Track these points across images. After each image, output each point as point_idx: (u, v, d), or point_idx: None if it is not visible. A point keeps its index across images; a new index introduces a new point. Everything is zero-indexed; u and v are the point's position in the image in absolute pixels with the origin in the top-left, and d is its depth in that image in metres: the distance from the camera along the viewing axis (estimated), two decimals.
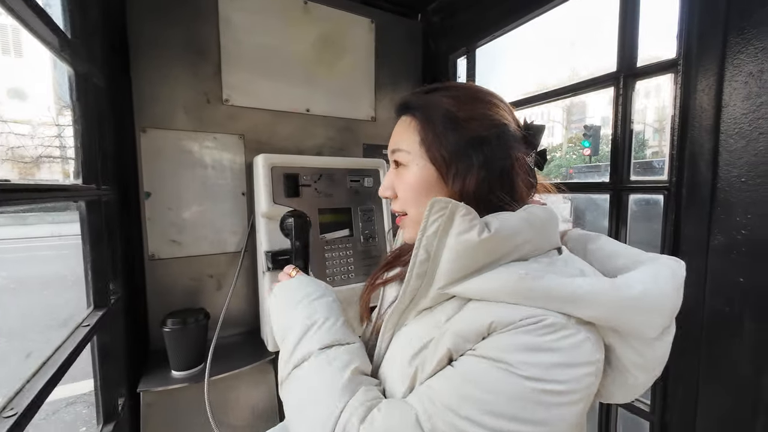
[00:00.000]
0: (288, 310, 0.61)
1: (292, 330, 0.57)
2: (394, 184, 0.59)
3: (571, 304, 0.42)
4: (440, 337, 0.46)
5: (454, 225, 0.46)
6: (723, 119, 0.81)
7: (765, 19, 0.74)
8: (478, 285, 0.45)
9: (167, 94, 1.27)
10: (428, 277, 0.48)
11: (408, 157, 0.56)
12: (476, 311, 0.45)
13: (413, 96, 0.58)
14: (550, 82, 54.76)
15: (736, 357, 0.79)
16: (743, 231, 0.78)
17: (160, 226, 1.28)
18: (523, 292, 0.43)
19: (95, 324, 0.85)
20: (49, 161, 15.36)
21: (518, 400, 0.39)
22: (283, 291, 0.66)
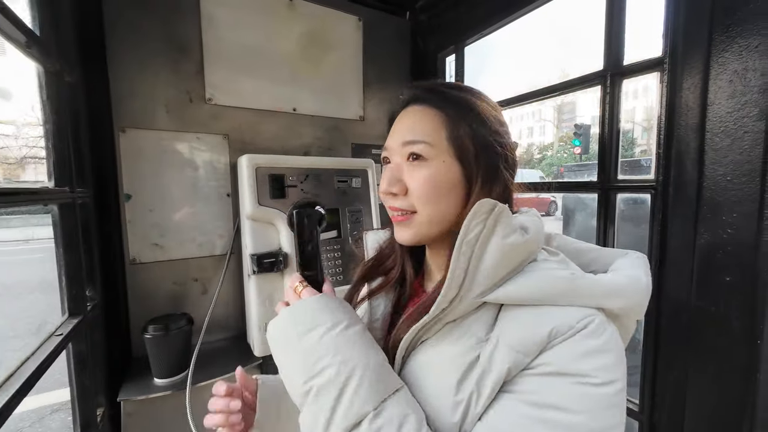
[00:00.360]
0: (306, 348, 0.45)
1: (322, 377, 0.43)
2: (404, 179, 0.51)
3: (606, 298, 0.43)
4: (491, 355, 0.42)
5: (498, 228, 0.44)
6: (708, 118, 0.81)
7: (749, 17, 0.73)
8: (522, 289, 0.43)
9: (147, 92, 1.23)
10: (467, 284, 0.43)
11: (432, 151, 0.49)
12: (528, 319, 0.43)
13: (438, 87, 0.54)
14: (540, 79, 55.21)
15: (723, 357, 0.79)
16: (729, 230, 0.78)
17: (142, 229, 1.24)
18: (572, 292, 0.42)
19: (70, 332, 0.81)
20: (35, 162, 15.01)
21: (603, 410, 0.39)
22: (292, 319, 0.48)
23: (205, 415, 0.57)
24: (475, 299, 0.44)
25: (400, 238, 0.54)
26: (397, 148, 0.52)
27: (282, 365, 0.47)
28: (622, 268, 0.49)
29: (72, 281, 0.89)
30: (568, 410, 0.38)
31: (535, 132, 49.27)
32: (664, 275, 0.91)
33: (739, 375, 0.75)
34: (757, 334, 0.70)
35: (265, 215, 1.22)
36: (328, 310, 0.48)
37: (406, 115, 0.54)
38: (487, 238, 0.43)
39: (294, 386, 0.45)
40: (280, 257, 1.21)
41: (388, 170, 0.53)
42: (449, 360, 0.45)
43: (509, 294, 0.43)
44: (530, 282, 0.43)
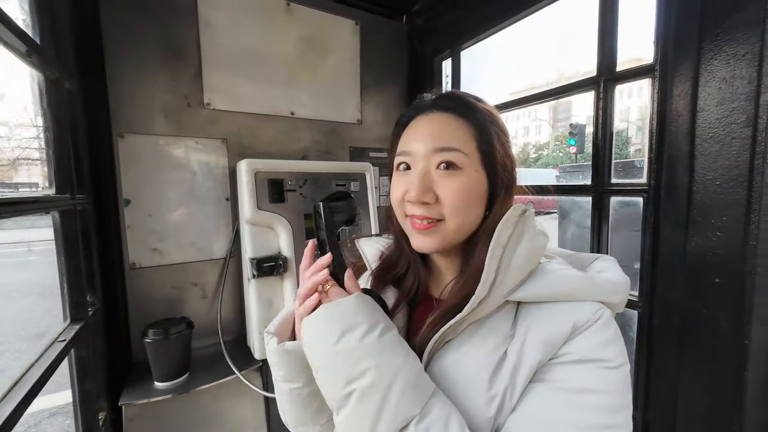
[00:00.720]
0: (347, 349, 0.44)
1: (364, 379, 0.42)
2: (435, 188, 0.50)
3: (613, 294, 0.48)
4: (520, 349, 0.45)
5: (526, 232, 0.48)
6: (698, 124, 0.83)
7: (737, 25, 0.75)
8: (544, 288, 0.47)
9: (145, 97, 1.24)
10: (497, 284, 0.46)
11: (465, 160, 0.49)
12: (551, 314, 0.46)
13: (462, 97, 0.54)
14: (535, 80, 55.46)
15: (713, 356, 0.81)
16: (718, 233, 0.80)
17: (141, 234, 1.25)
18: (587, 290, 0.47)
19: (72, 338, 0.82)
20: (28, 163, 14.85)
21: (622, 388, 0.43)
22: (330, 319, 0.46)
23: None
24: (503, 298, 0.47)
25: (423, 246, 0.52)
26: (425, 155, 0.50)
27: (318, 367, 0.46)
28: (609, 270, 0.53)
29: (73, 287, 0.90)
30: (597, 391, 0.42)
31: (531, 131, 49.45)
32: (657, 276, 0.94)
33: (729, 374, 0.77)
34: (745, 334, 0.72)
35: (265, 219, 1.23)
36: (366, 311, 0.46)
37: (430, 121, 0.52)
38: (517, 241, 0.47)
39: (333, 388, 0.44)
40: (280, 261, 1.22)
41: (416, 178, 0.50)
42: (479, 358, 0.46)
43: (531, 292, 0.47)
44: (549, 281, 0.47)
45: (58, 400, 2.61)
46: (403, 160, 0.53)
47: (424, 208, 0.50)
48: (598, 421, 0.40)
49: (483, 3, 1.41)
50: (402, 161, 0.53)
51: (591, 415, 0.41)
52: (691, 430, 0.87)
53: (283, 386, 0.54)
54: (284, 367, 0.52)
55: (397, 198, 0.53)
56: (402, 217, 0.54)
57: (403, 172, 0.53)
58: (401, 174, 0.54)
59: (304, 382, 0.52)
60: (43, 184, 14.11)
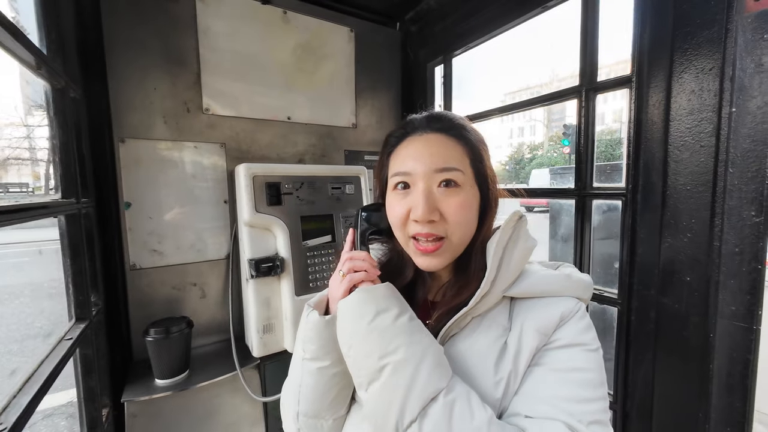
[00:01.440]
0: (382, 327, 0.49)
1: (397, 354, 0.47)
2: (439, 205, 0.53)
3: (586, 290, 0.57)
4: (519, 339, 0.52)
5: (522, 234, 0.55)
6: (671, 132, 0.89)
7: (704, 42, 0.81)
8: (534, 286, 0.54)
9: (146, 103, 1.27)
10: (497, 281, 0.53)
11: (463, 178, 0.53)
12: (542, 308, 0.53)
13: (452, 118, 0.58)
14: (530, 83, 55.88)
15: (684, 349, 0.87)
16: (688, 234, 0.86)
17: (141, 236, 1.28)
18: (568, 287, 0.55)
19: (78, 337, 0.86)
20: (18, 163, 14.65)
21: (601, 367, 0.51)
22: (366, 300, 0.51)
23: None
24: (501, 293, 0.53)
25: (432, 266, 0.55)
26: (426, 174, 0.53)
27: (353, 343, 0.50)
28: (576, 272, 0.59)
29: (78, 288, 0.93)
30: (583, 369, 0.49)
31: (525, 131, 49.82)
32: (634, 275, 1.00)
33: (697, 365, 0.83)
34: (710, 328, 0.78)
35: (263, 222, 1.27)
36: (396, 298, 0.52)
37: (427, 142, 0.55)
38: (515, 242, 0.54)
39: (366, 362, 0.48)
40: (277, 262, 1.26)
41: (421, 196, 0.52)
42: (485, 347, 0.52)
43: (524, 289, 0.54)
44: (537, 279, 0.55)
45: (53, 402, 2.62)
46: (401, 180, 0.55)
47: (431, 226, 0.52)
48: (586, 394, 0.47)
49: (471, 14, 1.46)
50: (400, 181, 0.55)
51: (580, 389, 0.47)
52: (665, 418, 0.93)
53: (311, 366, 0.56)
54: (318, 342, 0.55)
55: (401, 217, 0.55)
56: (405, 239, 0.56)
57: (401, 191, 0.55)
58: (399, 194, 0.55)
59: (332, 361, 0.56)
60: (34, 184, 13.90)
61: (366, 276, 0.55)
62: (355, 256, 0.57)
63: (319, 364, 0.56)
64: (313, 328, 0.56)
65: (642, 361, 0.98)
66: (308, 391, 0.57)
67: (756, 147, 0.71)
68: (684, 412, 0.87)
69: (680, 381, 0.89)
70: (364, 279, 0.55)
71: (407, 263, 0.62)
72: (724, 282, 0.76)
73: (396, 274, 0.62)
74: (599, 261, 1.27)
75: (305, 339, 0.57)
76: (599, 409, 0.47)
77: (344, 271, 0.56)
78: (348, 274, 0.55)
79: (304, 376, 0.57)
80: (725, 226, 0.75)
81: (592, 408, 0.47)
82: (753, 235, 0.72)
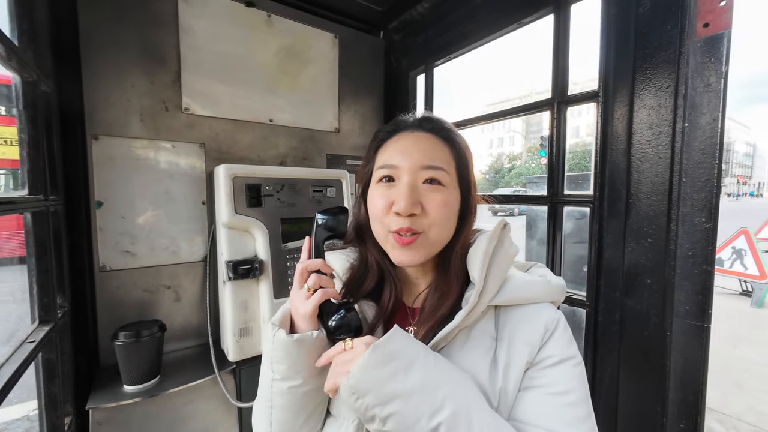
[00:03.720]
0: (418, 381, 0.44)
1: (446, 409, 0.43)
2: (422, 200, 0.53)
3: (561, 294, 0.58)
4: (508, 351, 0.52)
5: (506, 242, 0.55)
6: (633, 144, 0.96)
7: (661, 63, 0.88)
8: (516, 293, 0.54)
9: (122, 101, 1.24)
10: (485, 290, 0.52)
11: (447, 178, 0.55)
12: (525, 317, 0.54)
13: (442, 122, 0.60)
14: (510, 95, 57.83)
15: (645, 347, 0.93)
16: (649, 240, 0.93)
17: (113, 237, 1.24)
18: (547, 292, 0.56)
19: (41, 340, 0.82)
20: None
21: (585, 380, 0.52)
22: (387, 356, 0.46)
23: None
24: (487, 303, 0.53)
25: (408, 259, 0.54)
26: (413, 169, 0.54)
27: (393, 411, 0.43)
28: (549, 273, 0.61)
29: (43, 289, 0.90)
30: (576, 389, 0.50)
31: (505, 142, 51.20)
32: (601, 278, 1.05)
33: (656, 362, 0.88)
34: (667, 327, 0.84)
35: (242, 223, 1.25)
36: (410, 339, 0.48)
37: (417, 139, 0.56)
38: (498, 251, 0.54)
39: (415, 428, 0.43)
40: (256, 264, 1.25)
41: (405, 189, 0.52)
42: (476, 363, 0.51)
43: (507, 297, 0.54)
44: (518, 286, 0.55)
45: (9, 415, 2.44)
46: (387, 173, 0.55)
47: (411, 220, 0.52)
48: (582, 413, 0.49)
49: (450, 27, 1.52)
50: (386, 174, 0.55)
51: (577, 409, 0.48)
52: (628, 415, 0.98)
53: (281, 386, 0.54)
54: (287, 362, 0.52)
55: (382, 208, 0.54)
56: (384, 233, 0.55)
57: (386, 184, 0.55)
58: (383, 186, 0.55)
59: (304, 380, 0.53)
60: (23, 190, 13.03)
61: (335, 292, 0.55)
62: (311, 267, 0.56)
63: (289, 384, 0.53)
64: (281, 348, 0.52)
65: (608, 360, 1.03)
66: (280, 411, 0.55)
67: (706, 159, 0.78)
68: (644, 408, 0.92)
69: (641, 378, 0.94)
70: (332, 295, 0.55)
71: (371, 269, 0.62)
72: (679, 283, 0.81)
73: (362, 280, 0.62)
74: (573, 263, 1.34)
75: (273, 359, 0.53)
76: (591, 423, 0.49)
77: (310, 286, 0.54)
78: (316, 290, 0.54)
79: (275, 397, 0.55)
80: (680, 232, 0.82)
81: (588, 425, 0.48)
82: (704, 239, 0.78)
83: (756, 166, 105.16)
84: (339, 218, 0.61)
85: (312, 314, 0.54)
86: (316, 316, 0.55)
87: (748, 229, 4.73)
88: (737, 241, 4.76)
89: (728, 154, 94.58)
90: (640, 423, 0.95)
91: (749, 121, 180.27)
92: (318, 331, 0.54)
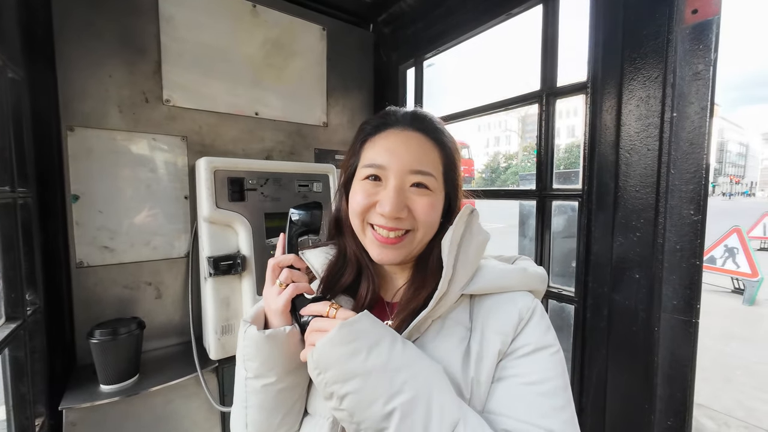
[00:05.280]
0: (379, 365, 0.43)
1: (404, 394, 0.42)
2: (409, 203, 0.53)
3: (541, 283, 0.57)
4: (480, 342, 0.50)
5: (474, 228, 0.54)
6: (621, 136, 0.93)
7: (650, 52, 0.86)
8: (490, 282, 0.53)
9: (99, 91, 1.20)
10: (455, 279, 0.51)
11: (435, 183, 0.54)
12: (499, 306, 0.53)
13: (435, 123, 0.58)
14: (501, 89, 58.01)
15: (633, 342, 0.91)
16: (637, 234, 0.90)
17: (90, 232, 1.20)
18: (523, 281, 0.55)
19: (6, 337, 0.78)
20: None
21: (564, 369, 0.50)
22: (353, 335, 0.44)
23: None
24: (459, 292, 0.52)
25: (389, 259, 0.54)
26: (402, 172, 0.52)
27: (349, 390, 0.43)
28: (532, 265, 0.60)
29: (10, 284, 0.86)
30: (553, 378, 0.48)
31: (501, 141, 51.34)
32: (590, 274, 1.03)
33: (644, 357, 0.87)
34: (654, 322, 0.82)
35: (223, 218, 1.22)
36: (380, 324, 0.47)
37: (407, 139, 0.54)
38: (469, 238, 0.53)
39: (370, 410, 0.42)
40: (238, 260, 1.22)
41: (392, 192, 0.52)
42: (449, 352, 0.50)
43: (481, 285, 0.53)
44: (493, 275, 0.54)
45: None
46: (373, 172, 0.54)
47: (396, 221, 0.52)
48: (559, 402, 0.47)
49: (439, 19, 1.49)
50: (373, 173, 0.54)
51: (554, 399, 0.47)
52: (616, 409, 0.96)
53: (255, 384, 0.52)
54: (259, 358, 0.51)
55: (362, 206, 0.54)
56: (361, 226, 0.55)
57: (372, 182, 0.54)
58: (369, 184, 0.54)
59: (278, 376, 0.52)
60: None
61: (306, 287, 0.54)
62: (283, 262, 0.55)
63: (263, 381, 0.52)
64: (252, 345, 0.51)
65: (596, 357, 1.02)
66: (255, 411, 0.54)
67: (694, 150, 0.76)
68: (632, 404, 0.91)
69: (629, 374, 0.92)
70: (304, 289, 0.54)
71: (350, 262, 0.61)
72: (667, 278, 0.79)
73: (340, 274, 0.61)
74: (563, 258, 1.32)
75: (246, 357, 0.52)
76: (570, 413, 0.47)
77: (282, 281, 0.54)
78: (288, 285, 0.53)
79: (249, 396, 0.53)
80: (667, 225, 0.80)
81: (566, 416, 0.46)
82: (692, 232, 0.76)
83: (749, 166, 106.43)
84: (313, 213, 0.59)
85: (284, 309, 0.53)
86: (288, 312, 0.54)
87: (741, 228, 4.76)
88: (729, 239, 4.79)
89: (722, 153, 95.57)
90: (628, 420, 0.93)
91: (742, 121, 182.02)
92: (291, 327, 0.53)
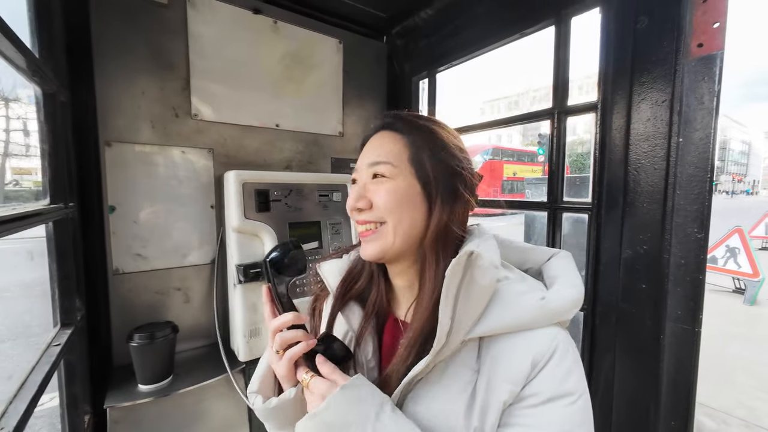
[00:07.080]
0: None
1: None
2: (368, 195, 0.55)
3: (569, 312, 0.50)
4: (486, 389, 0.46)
5: (476, 274, 0.46)
6: (630, 155, 1.00)
7: (658, 77, 0.92)
8: (499, 322, 0.47)
9: (133, 108, 1.27)
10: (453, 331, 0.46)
11: (394, 170, 0.54)
12: (510, 350, 0.47)
13: (405, 116, 0.59)
14: (508, 93, 57.72)
15: (640, 349, 0.97)
16: (644, 247, 0.97)
17: (125, 241, 1.27)
18: (543, 317, 0.47)
19: (66, 343, 0.85)
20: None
21: (588, 417, 0.46)
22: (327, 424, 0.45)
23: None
24: (462, 338, 0.47)
25: (366, 253, 0.55)
26: (364, 169, 0.57)
27: None
28: (563, 274, 0.55)
29: (64, 293, 0.93)
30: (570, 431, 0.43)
31: (503, 139, 51.25)
32: (599, 282, 1.10)
33: (650, 363, 0.93)
34: (661, 330, 0.88)
35: (251, 228, 1.29)
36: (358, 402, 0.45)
37: (374, 139, 0.58)
38: (469, 285, 0.46)
39: None
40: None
41: (354, 189, 0.57)
42: (452, 397, 0.47)
43: (488, 328, 0.47)
44: (505, 314, 0.48)
45: None
46: (354, 176, 0.60)
47: (362, 213, 0.55)
48: None
49: (452, 35, 1.55)
50: (353, 177, 0.60)
51: None
52: (623, 414, 1.03)
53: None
54: (272, 423, 0.56)
55: (348, 207, 0.58)
56: (357, 227, 0.59)
57: (353, 185, 0.59)
58: (352, 187, 0.59)
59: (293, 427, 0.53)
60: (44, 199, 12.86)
61: (305, 347, 0.51)
62: (282, 326, 0.52)
63: None
64: (262, 414, 0.55)
65: (604, 361, 1.08)
66: None
67: (698, 173, 0.82)
68: (638, 408, 0.98)
69: (636, 379, 0.99)
70: (303, 350, 0.51)
71: (366, 266, 0.64)
72: (672, 290, 0.86)
73: (358, 277, 0.64)
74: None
75: (261, 418, 0.57)
76: None
77: (277, 348, 0.52)
78: (285, 352, 0.52)
79: None
80: (673, 241, 0.86)
81: None
82: (696, 249, 0.83)
83: (751, 164, 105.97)
84: (291, 255, 0.56)
85: (288, 375, 0.53)
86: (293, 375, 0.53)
87: (742, 228, 4.81)
88: (731, 239, 4.84)
89: (724, 152, 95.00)
90: (634, 422, 1.00)
91: (745, 119, 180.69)
92: (296, 389, 0.54)
